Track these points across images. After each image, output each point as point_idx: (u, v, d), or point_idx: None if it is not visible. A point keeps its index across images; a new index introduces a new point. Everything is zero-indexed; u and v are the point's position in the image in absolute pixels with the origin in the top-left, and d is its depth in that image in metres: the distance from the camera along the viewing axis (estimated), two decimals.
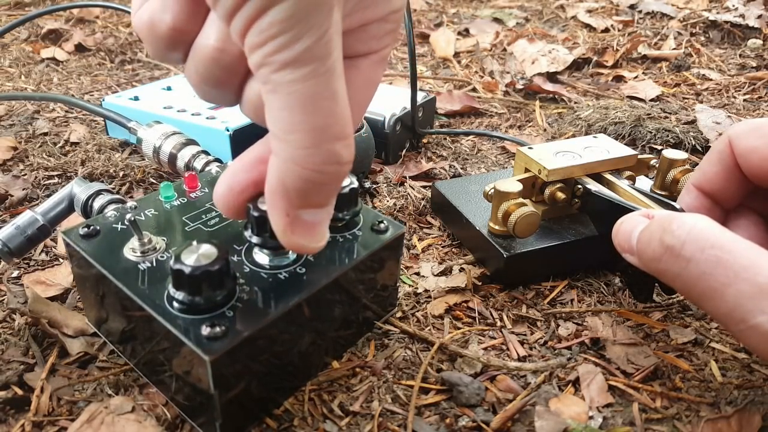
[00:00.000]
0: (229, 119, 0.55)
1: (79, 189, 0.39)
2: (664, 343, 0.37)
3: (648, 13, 1.17)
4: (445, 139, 0.67)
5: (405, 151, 0.62)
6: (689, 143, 0.64)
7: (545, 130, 0.71)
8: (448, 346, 0.36)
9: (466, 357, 0.35)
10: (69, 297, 0.40)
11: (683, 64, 0.92)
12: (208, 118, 0.56)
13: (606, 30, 1.12)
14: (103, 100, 0.62)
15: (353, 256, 0.32)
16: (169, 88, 0.66)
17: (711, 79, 0.86)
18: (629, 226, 0.31)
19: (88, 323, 0.36)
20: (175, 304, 0.27)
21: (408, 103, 0.60)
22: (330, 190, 0.24)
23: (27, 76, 0.85)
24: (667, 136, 0.65)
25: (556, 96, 0.81)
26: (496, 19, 1.20)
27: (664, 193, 0.45)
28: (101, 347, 0.35)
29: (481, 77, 0.90)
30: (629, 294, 0.41)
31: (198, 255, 0.26)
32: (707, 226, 0.27)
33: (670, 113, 0.72)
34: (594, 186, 0.41)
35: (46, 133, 0.65)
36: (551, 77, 0.88)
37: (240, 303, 0.28)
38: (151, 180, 0.56)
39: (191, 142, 0.50)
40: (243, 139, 0.55)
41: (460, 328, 0.38)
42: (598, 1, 1.28)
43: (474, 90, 0.83)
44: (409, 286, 0.42)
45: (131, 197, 0.53)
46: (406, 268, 0.44)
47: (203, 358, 0.25)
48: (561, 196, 0.42)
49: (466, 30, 1.13)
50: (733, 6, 1.12)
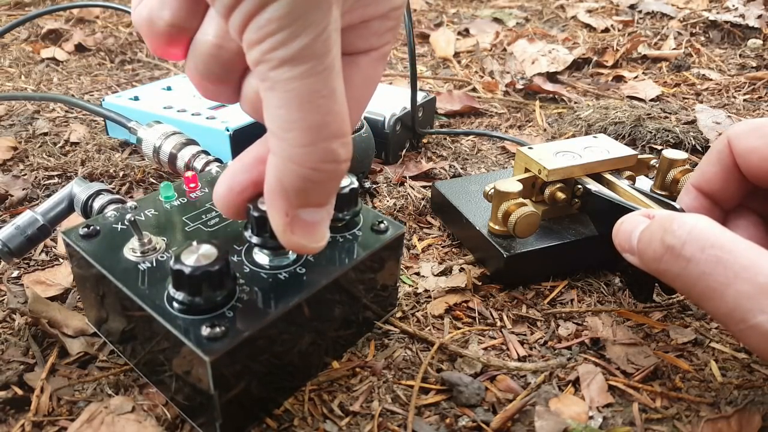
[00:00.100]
0: (229, 119, 0.55)
1: (79, 189, 0.39)
2: (664, 343, 0.37)
3: (648, 13, 1.17)
4: (445, 139, 0.67)
5: (405, 151, 0.62)
6: (689, 143, 0.64)
7: (545, 130, 0.71)
8: (448, 346, 0.36)
9: (466, 357, 0.35)
10: (69, 297, 0.40)
11: (683, 64, 0.92)
12: (208, 118, 0.56)
13: (606, 30, 1.12)
14: (103, 100, 0.62)
15: (353, 256, 0.32)
16: (169, 88, 0.66)
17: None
18: (629, 226, 0.31)
19: (88, 323, 0.36)
20: (175, 305, 0.27)
21: (408, 103, 0.60)
22: (328, 189, 0.24)
23: (27, 76, 0.85)
24: (667, 136, 0.65)
25: (556, 96, 0.81)
26: (496, 19, 1.20)
27: (664, 193, 0.45)
28: (101, 347, 0.35)
29: (481, 77, 0.90)
30: (629, 294, 0.41)
31: (198, 255, 0.26)
32: (708, 226, 0.27)
33: (670, 113, 0.72)
34: (594, 186, 0.41)
35: (46, 133, 0.65)
36: (551, 77, 0.88)
37: (240, 303, 0.28)
38: (151, 180, 0.56)
39: (191, 142, 0.50)
40: (243, 139, 0.55)
41: (460, 328, 0.38)
42: (598, 1, 1.28)
43: (474, 90, 0.83)
44: (409, 286, 0.42)
45: (131, 197, 0.53)
46: (406, 268, 0.44)
47: (203, 358, 0.25)
48: (561, 196, 0.42)
49: (466, 30, 1.13)
50: (733, 6, 1.12)
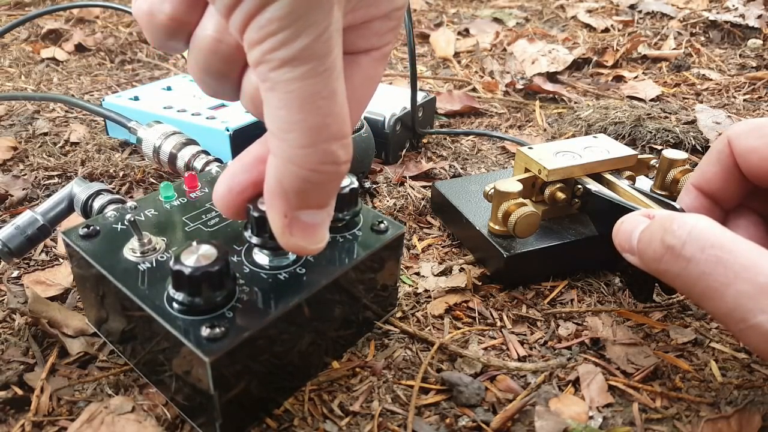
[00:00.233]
0: (229, 119, 0.55)
1: (79, 189, 0.39)
2: (664, 343, 0.37)
3: (648, 13, 1.17)
4: (445, 139, 0.67)
5: (405, 151, 0.62)
6: (689, 143, 0.64)
7: (545, 130, 0.71)
8: (448, 346, 0.36)
9: (466, 357, 0.35)
10: (69, 297, 0.40)
11: (683, 64, 0.92)
12: (208, 118, 0.56)
13: (606, 30, 1.12)
14: (103, 100, 0.62)
15: (353, 256, 0.32)
16: (169, 88, 0.66)
17: (711, 79, 0.86)
18: (630, 226, 0.31)
19: (88, 323, 0.36)
20: (175, 305, 0.27)
21: (408, 103, 0.60)
22: (328, 191, 0.24)
23: (27, 76, 0.85)
24: (667, 136, 0.65)
25: (556, 96, 0.81)
26: (496, 19, 1.20)
27: (664, 193, 0.45)
28: (101, 347, 0.35)
29: (481, 77, 0.90)
30: (629, 294, 0.41)
31: (198, 255, 0.26)
32: (708, 226, 0.27)
33: (670, 113, 0.72)
34: (594, 186, 0.41)
35: (46, 133, 0.65)
36: (551, 77, 0.88)
37: (240, 304, 0.28)
38: (151, 180, 0.56)
39: (191, 142, 0.50)
40: (243, 139, 0.55)
41: (460, 328, 0.38)
42: (598, 1, 1.28)
43: (474, 90, 0.83)
44: (409, 286, 0.42)
45: (131, 197, 0.53)
46: (406, 268, 0.44)
47: (203, 359, 0.25)
48: (561, 196, 0.42)
49: (466, 30, 1.13)
50: (733, 6, 1.12)
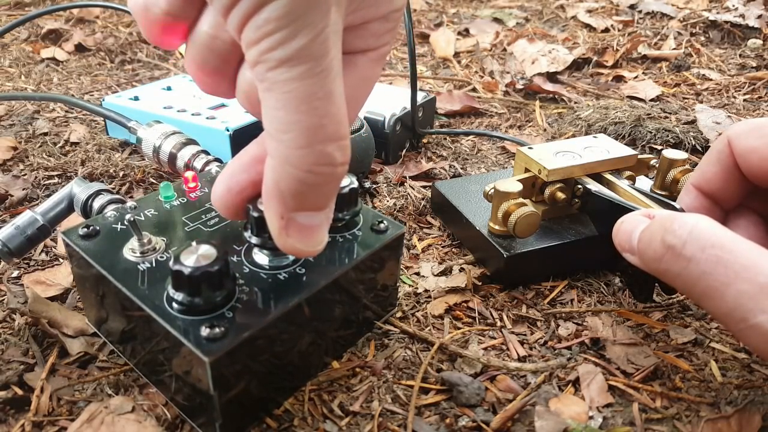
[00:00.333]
0: (229, 119, 0.55)
1: (78, 189, 0.39)
2: (664, 343, 0.37)
3: (648, 13, 1.17)
4: (445, 139, 0.67)
5: (405, 151, 0.62)
6: (689, 143, 0.64)
7: (545, 130, 0.71)
8: (448, 346, 0.36)
9: (466, 357, 0.35)
10: (69, 297, 0.40)
11: (683, 64, 0.92)
12: (208, 118, 0.56)
13: (606, 30, 1.12)
14: (103, 100, 0.62)
15: (353, 256, 0.32)
16: (169, 88, 0.66)
17: (711, 79, 0.86)
18: (630, 226, 0.31)
19: (88, 323, 0.36)
20: (175, 305, 0.27)
21: (408, 103, 0.60)
22: (325, 193, 0.23)
23: (27, 76, 0.85)
24: (667, 136, 0.65)
25: (556, 96, 0.81)
26: (496, 19, 1.20)
27: (664, 193, 0.45)
28: (101, 347, 0.35)
29: (481, 77, 0.90)
30: (629, 294, 0.41)
31: (197, 255, 0.26)
32: (708, 225, 0.27)
33: (670, 113, 0.72)
34: (594, 186, 0.41)
35: (46, 133, 0.65)
36: (551, 77, 0.88)
37: (239, 304, 0.28)
38: (151, 180, 0.56)
39: (191, 142, 0.50)
40: (243, 139, 0.55)
41: (460, 328, 0.38)
42: (598, 1, 1.28)
43: (474, 90, 0.83)
44: (409, 286, 0.42)
45: (131, 197, 0.53)
46: (406, 268, 0.44)
47: (203, 359, 0.25)
48: (561, 196, 0.42)
49: (466, 30, 1.13)
50: (733, 6, 1.12)
